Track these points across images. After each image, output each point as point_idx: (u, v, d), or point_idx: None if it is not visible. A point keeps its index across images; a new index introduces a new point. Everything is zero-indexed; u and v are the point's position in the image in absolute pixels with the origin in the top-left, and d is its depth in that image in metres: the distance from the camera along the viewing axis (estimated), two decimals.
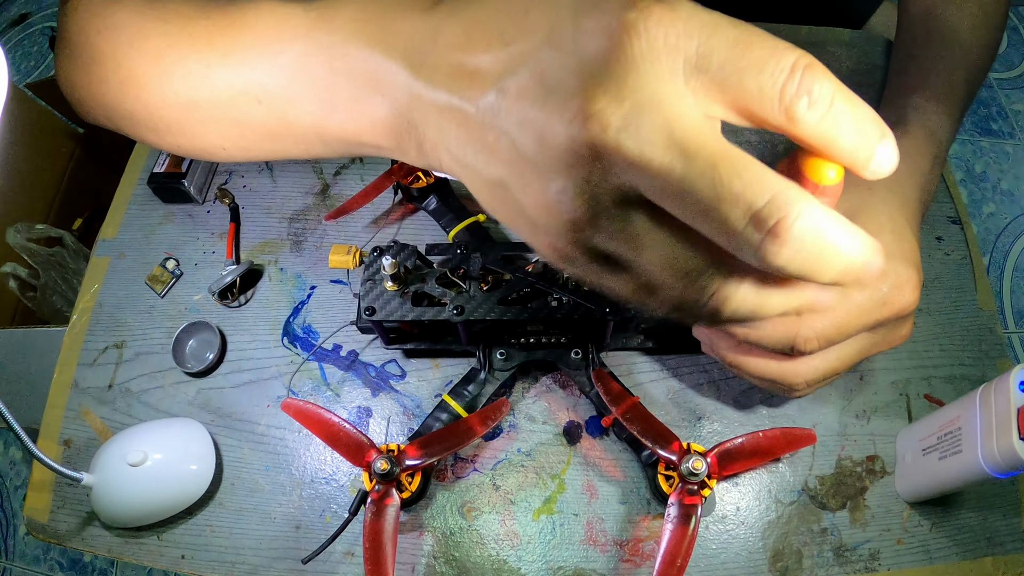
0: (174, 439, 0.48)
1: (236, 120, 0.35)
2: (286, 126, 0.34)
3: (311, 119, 0.33)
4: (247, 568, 0.46)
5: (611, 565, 0.45)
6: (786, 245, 0.20)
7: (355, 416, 0.51)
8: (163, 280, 0.56)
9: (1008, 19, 1.76)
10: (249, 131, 0.36)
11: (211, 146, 0.38)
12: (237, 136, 0.37)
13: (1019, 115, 1.61)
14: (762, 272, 0.24)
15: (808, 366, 0.40)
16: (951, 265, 0.56)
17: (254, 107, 0.34)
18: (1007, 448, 0.36)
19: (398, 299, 0.45)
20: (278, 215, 0.60)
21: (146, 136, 0.41)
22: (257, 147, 0.37)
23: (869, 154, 0.21)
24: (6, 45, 1.80)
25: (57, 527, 0.48)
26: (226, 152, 0.38)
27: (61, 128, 1.15)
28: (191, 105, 0.36)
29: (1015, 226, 1.47)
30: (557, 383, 0.51)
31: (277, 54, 0.32)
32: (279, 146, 0.36)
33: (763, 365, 0.41)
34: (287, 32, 0.32)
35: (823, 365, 0.40)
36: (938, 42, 0.54)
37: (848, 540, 0.46)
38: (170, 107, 0.37)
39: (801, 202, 0.20)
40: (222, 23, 0.35)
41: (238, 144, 0.37)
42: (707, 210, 0.21)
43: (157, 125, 0.39)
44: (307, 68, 0.31)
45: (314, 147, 0.35)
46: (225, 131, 0.37)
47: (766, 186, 0.20)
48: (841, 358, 0.40)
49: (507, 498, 0.48)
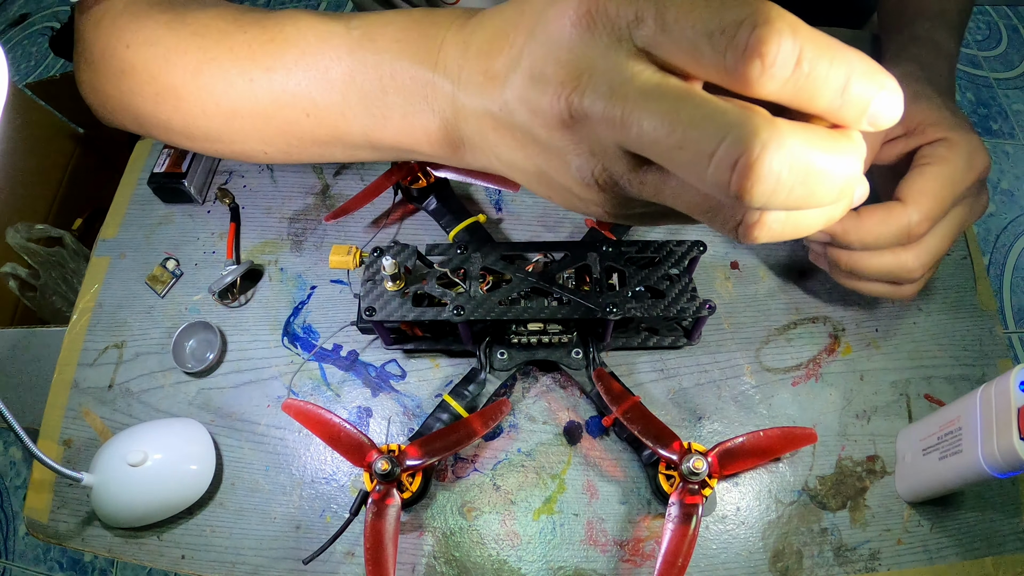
0: (174, 439, 0.48)
1: (282, 130, 0.37)
2: (336, 136, 0.36)
3: (363, 130, 0.34)
4: (247, 568, 0.46)
5: (611, 565, 0.45)
6: (759, 183, 0.19)
7: (355, 416, 0.51)
8: (163, 280, 0.56)
9: (1008, 19, 1.77)
10: (295, 139, 0.37)
11: (252, 151, 0.40)
12: (282, 143, 0.38)
13: (1019, 115, 1.61)
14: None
15: (922, 248, 0.42)
16: (951, 265, 0.56)
17: (302, 119, 0.36)
18: (1007, 448, 0.36)
19: (398, 299, 0.45)
20: (278, 215, 0.59)
21: (181, 142, 0.42)
22: (301, 151, 0.38)
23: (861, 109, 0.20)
24: (6, 45, 1.80)
25: (57, 527, 0.48)
26: (267, 156, 0.40)
27: (61, 128, 1.14)
28: (232, 115, 0.38)
29: (1015, 226, 1.47)
30: (557, 383, 0.51)
31: (325, 70, 0.34)
32: (327, 151, 0.38)
33: (885, 262, 0.43)
34: (331, 51, 0.34)
35: (935, 243, 0.43)
36: None
37: (848, 540, 0.46)
38: (211, 118, 0.38)
39: (764, 132, 0.19)
40: (262, 38, 0.36)
41: (282, 149, 0.39)
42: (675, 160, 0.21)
43: (194, 133, 0.40)
44: (357, 85, 0.33)
45: (363, 153, 0.37)
46: (269, 138, 0.38)
47: (720, 124, 0.19)
48: (947, 233, 0.43)
49: (507, 498, 0.48)
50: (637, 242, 0.48)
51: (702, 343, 0.52)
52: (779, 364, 0.52)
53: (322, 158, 0.39)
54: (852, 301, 0.54)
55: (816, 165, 0.19)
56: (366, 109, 0.33)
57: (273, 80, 0.35)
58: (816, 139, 0.20)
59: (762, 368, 0.51)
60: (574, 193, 0.27)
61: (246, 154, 0.40)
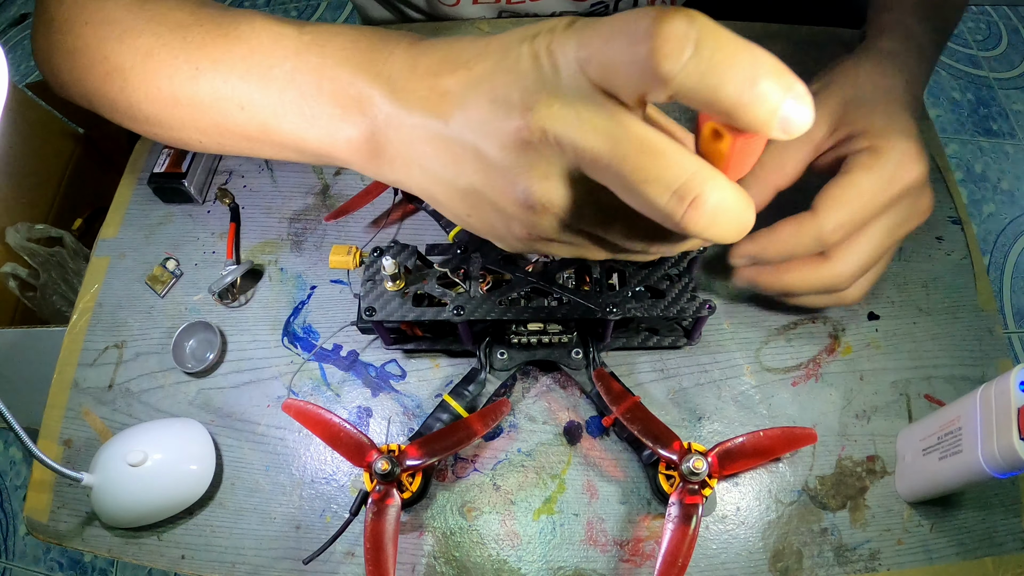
0: (174, 439, 0.48)
1: (216, 121, 0.38)
2: (265, 133, 0.37)
3: (290, 129, 0.36)
4: (247, 568, 0.46)
5: (611, 565, 0.45)
6: (703, 215, 0.24)
7: (355, 416, 0.51)
8: (163, 280, 0.56)
9: (1008, 19, 1.77)
10: (227, 131, 0.39)
11: (188, 139, 0.41)
12: (215, 133, 0.39)
13: (1019, 115, 1.61)
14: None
15: (845, 260, 0.43)
16: (951, 265, 0.56)
17: (236, 112, 0.37)
18: (1007, 448, 0.37)
19: (398, 299, 0.45)
20: (278, 215, 0.60)
21: (123, 122, 0.43)
22: (233, 145, 0.40)
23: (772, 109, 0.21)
24: (6, 45, 1.80)
25: (57, 527, 0.48)
26: (202, 145, 0.41)
27: (61, 128, 1.14)
28: (173, 102, 0.39)
29: (1015, 226, 1.47)
30: (557, 383, 0.51)
31: (269, 68, 0.35)
32: (255, 147, 0.39)
33: (805, 275, 0.44)
34: (279, 50, 0.35)
35: (858, 253, 0.43)
36: None
37: (848, 540, 0.46)
38: (152, 102, 0.40)
39: (711, 180, 0.24)
40: (215, 32, 0.37)
41: (215, 140, 0.40)
42: (633, 189, 0.24)
43: (136, 116, 0.41)
44: (296, 84, 0.34)
45: (287, 154, 0.38)
46: (204, 128, 0.39)
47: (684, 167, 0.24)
48: (872, 241, 0.43)
49: (507, 498, 0.48)
50: None
51: (702, 343, 0.52)
52: (779, 364, 0.52)
53: (251, 153, 0.40)
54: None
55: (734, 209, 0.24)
56: (298, 109, 0.34)
57: (218, 71, 0.37)
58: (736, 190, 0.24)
59: (762, 368, 0.51)
60: (505, 214, 0.29)
61: (183, 141, 0.41)
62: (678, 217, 0.24)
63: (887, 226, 0.43)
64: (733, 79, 0.21)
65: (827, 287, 0.45)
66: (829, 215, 0.41)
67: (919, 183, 0.42)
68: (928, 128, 0.63)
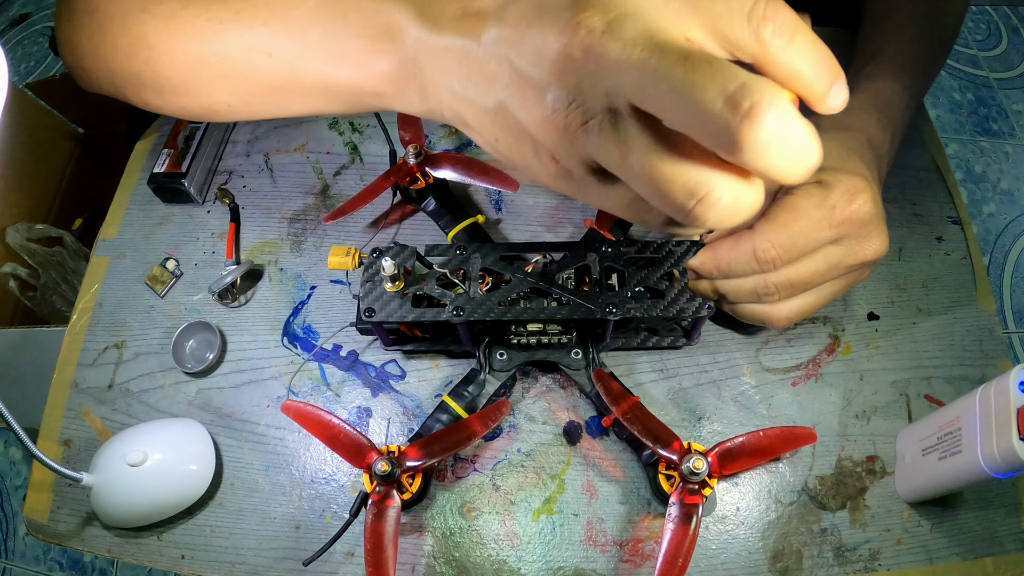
0: (174, 439, 0.48)
1: (244, 75, 0.38)
2: (293, 79, 0.37)
3: (319, 69, 0.35)
4: (247, 568, 0.46)
5: (611, 565, 0.45)
6: (761, 129, 0.21)
7: (355, 417, 0.51)
8: (163, 280, 0.56)
9: (1008, 19, 1.77)
10: (256, 86, 0.39)
11: (217, 103, 0.41)
12: (244, 92, 0.39)
13: (1019, 115, 1.61)
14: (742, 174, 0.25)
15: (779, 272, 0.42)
16: (951, 265, 0.56)
17: (264, 60, 0.37)
18: (1007, 448, 0.37)
19: (398, 300, 0.45)
20: (278, 215, 0.60)
21: (151, 99, 0.44)
22: (261, 102, 0.40)
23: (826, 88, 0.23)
24: (6, 45, 1.80)
25: (57, 527, 0.48)
26: (231, 109, 0.41)
27: (61, 128, 1.14)
28: (200, 62, 0.39)
29: (1015, 226, 1.47)
30: (557, 383, 0.51)
31: (291, 8, 0.35)
32: (284, 100, 0.39)
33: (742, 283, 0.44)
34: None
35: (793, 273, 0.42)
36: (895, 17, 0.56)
37: (848, 540, 0.46)
38: (179, 67, 0.40)
39: (773, 90, 0.21)
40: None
41: (243, 100, 0.40)
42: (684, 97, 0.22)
43: (164, 86, 0.42)
44: (320, 20, 0.34)
45: (316, 100, 0.38)
46: (232, 87, 0.39)
47: (738, 73, 0.22)
48: (810, 267, 0.42)
49: (507, 498, 0.48)
50: (636, 242, 0.48)
51: (702, 343, 0.52)
52: (779, 364, 0.52)
53: (279, 110, 0.40)
54: (852, 301, 0.54)
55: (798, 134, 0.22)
56: (325, 47, 0.34)
57: (241, 21, 0.37)
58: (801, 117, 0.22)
59: (762, 368, 0.51)
60: (529, 132, 0.28)
61: (212, 108, 0.41)
62: (733, 127, 0.21)
63: (828, 258, 0.42)
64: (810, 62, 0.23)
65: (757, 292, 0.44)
66: (765, 232, 0.41)
67: (865, 218, 0.41)
68: (928, 128, 0.63)
